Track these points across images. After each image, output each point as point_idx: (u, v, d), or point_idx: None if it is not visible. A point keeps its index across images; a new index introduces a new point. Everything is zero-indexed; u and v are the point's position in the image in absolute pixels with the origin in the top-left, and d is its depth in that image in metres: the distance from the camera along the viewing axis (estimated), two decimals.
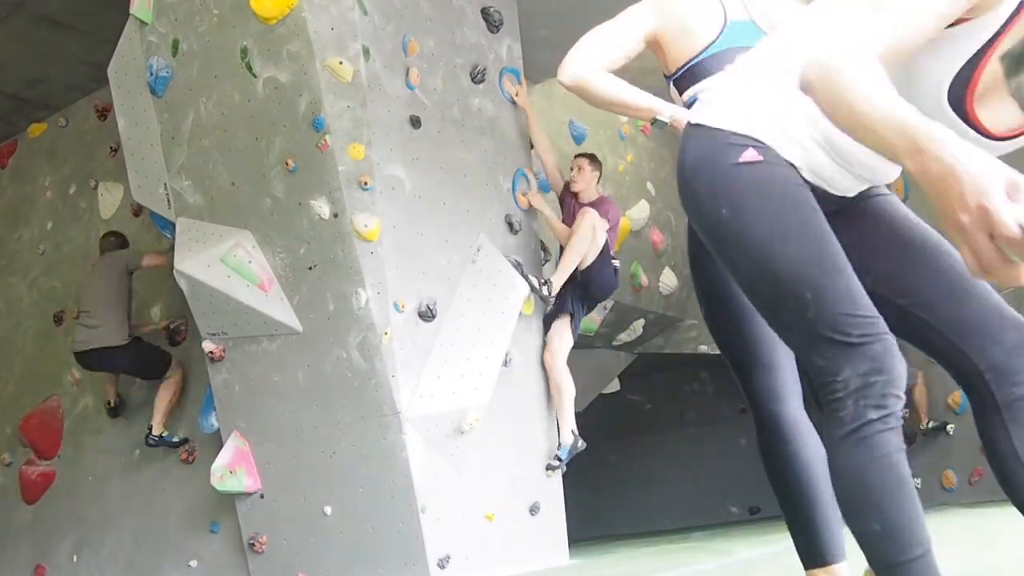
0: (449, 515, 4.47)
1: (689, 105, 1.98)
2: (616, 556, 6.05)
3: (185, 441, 5.53)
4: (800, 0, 2.10)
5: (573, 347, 5.32)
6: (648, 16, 2.06)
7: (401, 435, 4.35)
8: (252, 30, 4.46)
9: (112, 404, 5.90)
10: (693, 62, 2.01)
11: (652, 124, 2.08)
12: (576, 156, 5.68)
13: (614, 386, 9.87)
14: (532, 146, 5.53)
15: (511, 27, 5.40)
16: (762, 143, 1.46)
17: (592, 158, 5.60)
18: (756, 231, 1.44)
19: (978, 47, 1.30)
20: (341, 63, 4.37)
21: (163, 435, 5.46)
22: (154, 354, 5.61)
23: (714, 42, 2.00)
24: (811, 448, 1.82)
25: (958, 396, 7.30)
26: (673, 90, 2.09)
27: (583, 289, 5.29)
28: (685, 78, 2.03)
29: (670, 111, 2.06)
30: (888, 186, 1.67)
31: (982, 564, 3.08)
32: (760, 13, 2.07)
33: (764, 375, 1.85)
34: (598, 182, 5.58)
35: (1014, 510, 1.47)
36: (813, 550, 1.82)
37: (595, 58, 2.02)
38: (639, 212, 8.23)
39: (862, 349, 1.36)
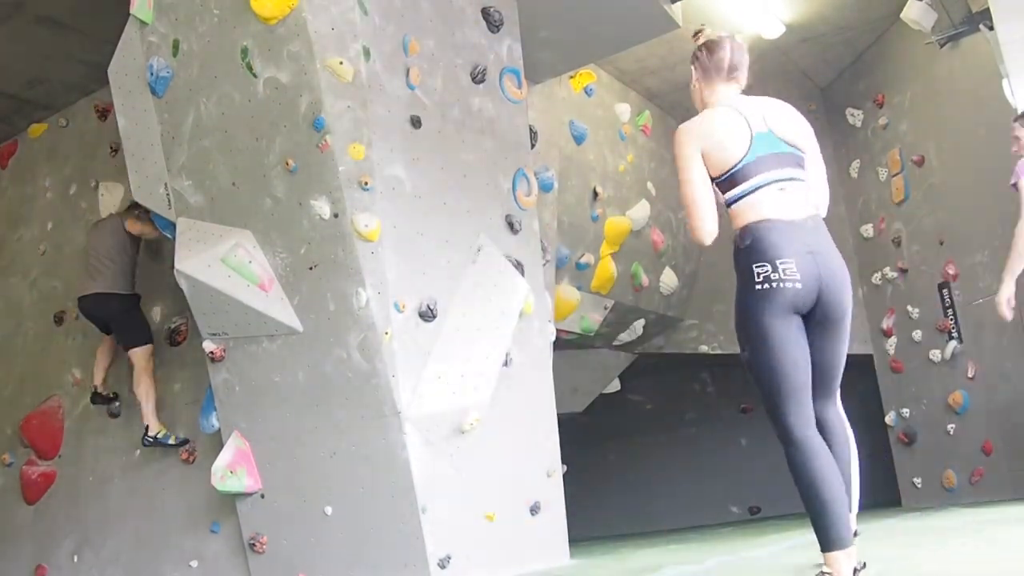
0: (450, 515, 4.47)
1: (729, 203, 2.67)
2: (617, 556, 6.04)
3: (185, 442, 5.47)
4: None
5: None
6: (694, 146, 2.70)
7: (402, 435, 4.36)
8: (252, 30, 4.46)
9: (99, 390, 5.76)
10: (732, 172, 2.66)
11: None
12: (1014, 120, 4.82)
13: (614, 386, 9.86)
14: (533, 145, 5.52)
15: (511, 27, 5.40)
16: None
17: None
18: None
19: None
20: (341, 63, 4.37)
21: (159, 435, 5.39)
22: (143, 324, 5.66)
23: (745, 156, 2.66)
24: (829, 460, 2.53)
25: (959, 396, 7.29)
26: (716, 189, 2.71)
27: None
28: (726, 182, 2.68)
29: None
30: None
31: (982, 564, 3.08)
32: (777, 123, 2.72)
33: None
34: None
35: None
36: (835, 534, 2.45)
37: (713, 217, 2.68)
38: (640, 212, 8.21)
39: None
